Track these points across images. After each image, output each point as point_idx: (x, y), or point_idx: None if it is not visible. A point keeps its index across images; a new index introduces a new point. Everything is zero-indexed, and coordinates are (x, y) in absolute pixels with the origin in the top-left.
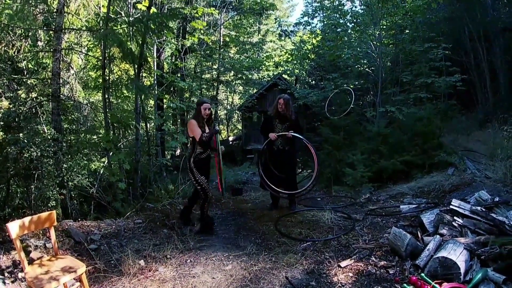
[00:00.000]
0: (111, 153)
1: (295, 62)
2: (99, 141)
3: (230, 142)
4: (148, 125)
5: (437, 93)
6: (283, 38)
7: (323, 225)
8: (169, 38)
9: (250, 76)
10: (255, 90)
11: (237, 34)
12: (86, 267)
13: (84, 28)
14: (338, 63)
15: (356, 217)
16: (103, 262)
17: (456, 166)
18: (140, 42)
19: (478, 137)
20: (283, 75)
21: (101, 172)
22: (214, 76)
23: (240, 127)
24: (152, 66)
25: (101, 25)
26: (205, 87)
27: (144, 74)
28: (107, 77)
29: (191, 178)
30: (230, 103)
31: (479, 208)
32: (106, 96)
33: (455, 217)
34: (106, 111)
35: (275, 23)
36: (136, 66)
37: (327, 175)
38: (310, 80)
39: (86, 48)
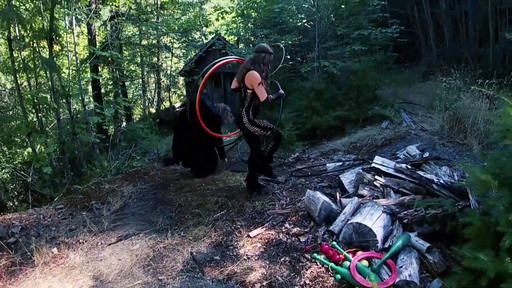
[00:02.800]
0: (31, 138)
1: (238, 21)
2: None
3: (176, 109)
4: (76, 102)
5: (377, 46)
6: None
7: (243, 190)
8: (83, 7)
9: (190, 38)
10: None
11: None
12: (5, 262)
13: None
14: (274, 18)
15: (278, 179)
16: (20, 255)
17: (391, 119)
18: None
19: (420, 90)
20: (224, 36)
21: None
22: (153, 41)
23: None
24: (66, 40)
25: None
26: (146, 53)
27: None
28: (19, 58)
29: (253, 131)
30: (170, 67)
31: (404, 165)
32: (24, 79)
33: (376, 176)
34: (20, 94)
35: None
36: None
37: None
38: (253, 39)
39: None
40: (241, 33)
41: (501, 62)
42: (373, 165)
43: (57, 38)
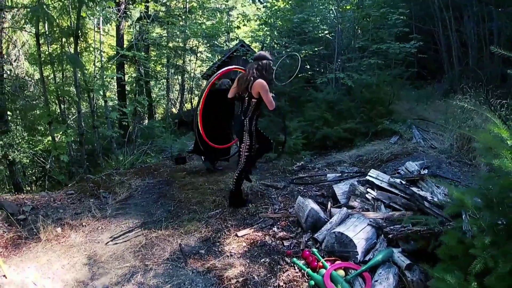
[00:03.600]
0: (52, 127)
1: (265, 29)
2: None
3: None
4: (96, 97)
5: (397, 61)
6: (256, 2)
7: None
8: (111, 8)
9: (216, 43)
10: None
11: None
12: (12, 235)
13: (20, 5)
14: (295, 28)
15: (277, 185)
16: (27, 230)
17: (401, 134)
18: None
19: (438, 107)
20: (247, 42)
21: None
22: (179, 44)
23: None
24: (93, 38)
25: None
26: (172, 54)
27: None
28: (47, 52)
29: (245, 141)
30: (193, 70)
31: (398, 180)
32: (50, 71)
33: (368, 189)
34: (44, 86)
35: None
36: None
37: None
38: (276, 47)
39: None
40: (266, 41)
41: None
42: (367, 177)
43: (83, 36)
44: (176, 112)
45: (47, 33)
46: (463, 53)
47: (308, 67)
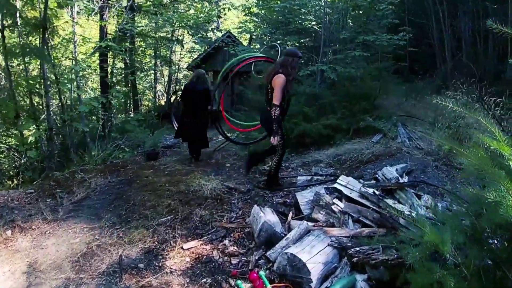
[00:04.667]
0: (21, 122)
1: (254, 20)
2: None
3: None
4: (69, 90)
5: (385, 54)
6: None
7: (200, 196)
8: None
9: (202, 32)
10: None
11: None
12: None
13: None
14: (279, 18)
15: (241, 188)
16: None
17: (385, 133)
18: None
19: (428, 103)
20: (236, 34)
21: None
22: (167, 34)
23: None
24: (70, 30)
25: None
26: (157, 45)
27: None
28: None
29: (275, 130)
30: (179, 62)
31: (371, 190)
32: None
33: (335, 200)
34: (10, 79)
35: None
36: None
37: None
38: (266, 38)
39: None
40: (254, 32)
41: None
42: (336, 185)
43: (51, 27)
44: (163, 104)
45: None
46: (457, 48)
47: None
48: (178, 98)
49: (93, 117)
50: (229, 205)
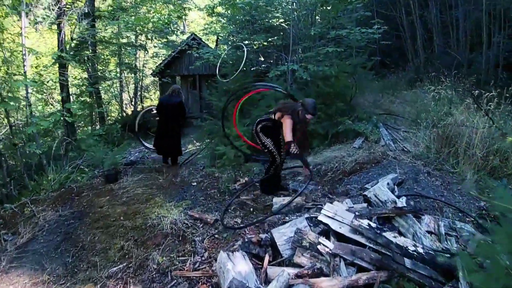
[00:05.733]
0: None
1: (221, 21)
2: None
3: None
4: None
5: (358, 49)
6: None
7: (158, 232)
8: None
9: (165, 34)
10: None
11: None
12: None
13: None
14: (246, 16)
15: (207, 218)
16: None
17: (367, 136)
18: None
19: (405, 98)
20: (201, 36)
21: None
22: (130, 40)
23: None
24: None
25: None
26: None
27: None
28: None
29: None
30: (142, 68)
31: (365, 222)
32: None
33: (321, 239)
34: None
35: None
36: None
37: (210, 152)
38: (233, 39)
39: None
40: (220, 33)
41: (493, 69)
42: (321, 217)
43: None
44: (130, 114)
45: None
46: (429, 39)
47: (263, 59)
48: (144, 108)
49: (48, 137)
50: (193, 244)
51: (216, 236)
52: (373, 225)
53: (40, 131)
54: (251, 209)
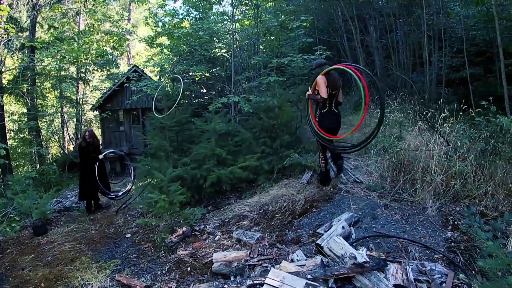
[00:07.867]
0: None
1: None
2: None
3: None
4: None
5: (303, 77)
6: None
7: None
8: None
9: (110, 70)
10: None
11: (101, 20)
12: None
13: None
14: (183, 47)
15: (135, 284)
16: None
17: (315, 169)
18: None
19: (351, 123)
20: (142, 68)
21: None
22: (68, 73)
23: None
24: None
25: None
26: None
27: None
28: None
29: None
30: (83, 101)
31: None
32: None
33: None
34: None
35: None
36: None
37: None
38: (173, 70)
39: None
40: (161, 64)
41: (435, 86)
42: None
43: None
44: (72, 150)
45: None
46: (371, 63)
47: (205, 91)
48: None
49: None
50: None
51: None
52: None
53: None
54: (189, 268)
